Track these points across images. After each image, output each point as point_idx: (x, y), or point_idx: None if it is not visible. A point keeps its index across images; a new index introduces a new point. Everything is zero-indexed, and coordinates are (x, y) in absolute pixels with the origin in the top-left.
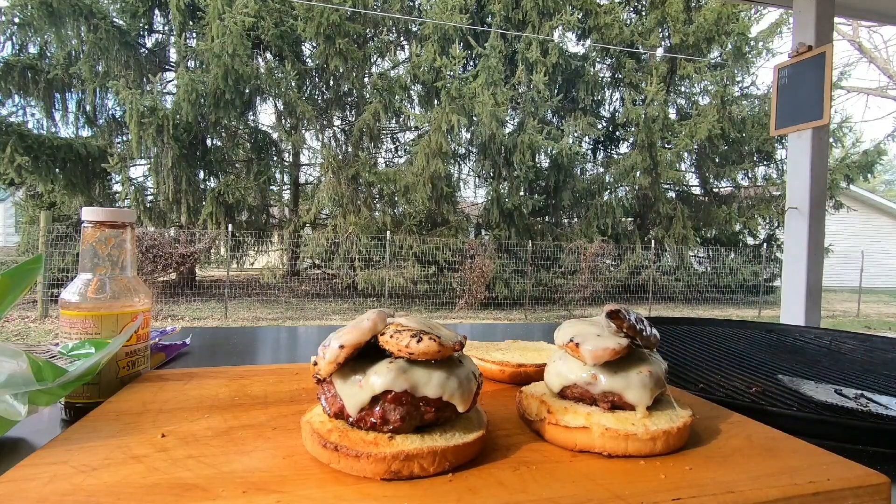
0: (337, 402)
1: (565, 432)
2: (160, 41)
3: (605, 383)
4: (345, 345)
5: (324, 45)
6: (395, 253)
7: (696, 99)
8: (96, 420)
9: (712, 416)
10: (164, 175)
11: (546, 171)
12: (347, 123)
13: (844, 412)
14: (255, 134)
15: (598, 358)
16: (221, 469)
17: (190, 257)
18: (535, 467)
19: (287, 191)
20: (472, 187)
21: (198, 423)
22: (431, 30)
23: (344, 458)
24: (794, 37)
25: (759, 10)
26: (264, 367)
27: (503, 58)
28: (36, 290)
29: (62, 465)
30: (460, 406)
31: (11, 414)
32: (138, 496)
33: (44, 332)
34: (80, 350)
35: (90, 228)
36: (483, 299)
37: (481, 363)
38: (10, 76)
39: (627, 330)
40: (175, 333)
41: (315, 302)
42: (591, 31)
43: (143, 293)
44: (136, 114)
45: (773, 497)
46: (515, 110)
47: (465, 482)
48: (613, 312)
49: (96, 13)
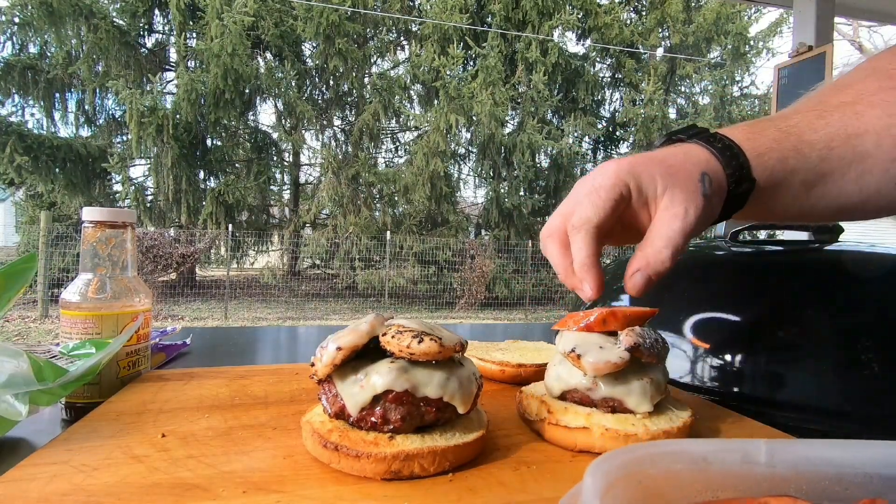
0: (338, 402)
1: (565, 432)
2: (160, 41)
3: (605, 390)
4: (342, 347)
5: (323, 45)
6: (395, 253)
7: (696, 99)
8: (97, 420)
9: (712, 416)
10: (164, 175)
11: (546, 170)
12: (347, 123)
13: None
14: (255, 134)
15: (599, 371)
16: (222, 469)
17: (190, 257)
18: (535, 467)
19: (287, 191)
20: (471, 187)
21: (198, 423)
22: (431, 30)
23: (344, 458)
24: (794, 37)
25: (758, 10)
26: (264, 367)
27: (503, 57)
28: (36, 290)
29: (62, 465)
30: (461, 407)
31: (12, 414)
32: (138, 496)
33: (44, 332)
34: (81, 350)
35: (90, 228)
36: (483, 299)
37: (481, 363)
38: (10, 76)
39: (647, 359)
40: (175, 333)
41: (315, 302)
42: (590, 31)
43: (143, 293)
44: (136, 114)
45: None
46: (515, 110)
47: (465, 482)
48: (634, 347)
49: (96, 13)
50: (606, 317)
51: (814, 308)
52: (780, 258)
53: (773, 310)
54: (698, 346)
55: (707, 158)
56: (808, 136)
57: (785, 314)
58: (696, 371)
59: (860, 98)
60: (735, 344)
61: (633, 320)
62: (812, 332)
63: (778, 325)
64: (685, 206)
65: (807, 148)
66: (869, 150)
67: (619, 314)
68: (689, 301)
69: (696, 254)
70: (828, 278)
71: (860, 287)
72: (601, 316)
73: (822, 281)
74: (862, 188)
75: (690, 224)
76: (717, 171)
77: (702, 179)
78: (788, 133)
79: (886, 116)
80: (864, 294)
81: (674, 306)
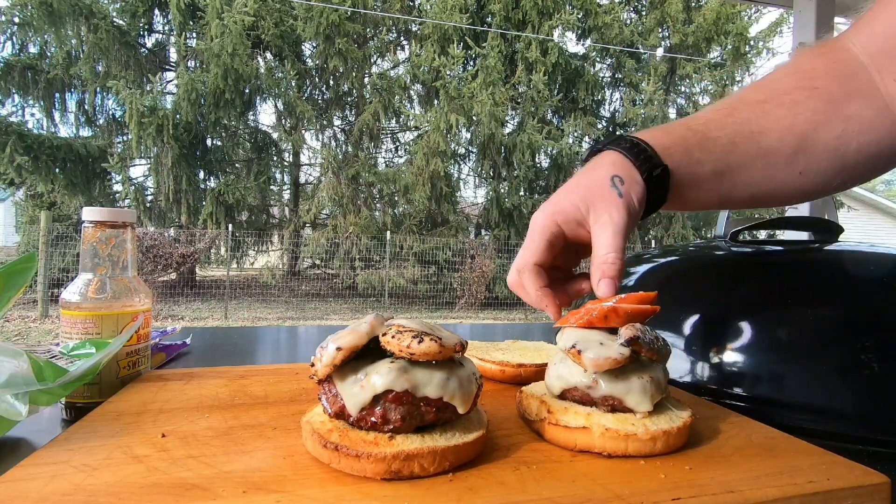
0: (338, 402)
1: (565, 432)
2: (160, 41)
3: (605, 388)
4: (342, 347)
5: (324, 45)
6: (395, 253)
7: (696, 99)
8: (96, 420)
9: (712, 416)
10: (164, 175)
11: (546, 170)
12: (347, 123)
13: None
14: (255, 134)
15: (600, 367)
16: (222, 469)
17: (190, 257)
18: (535, 467)
19: (287, 191)
20: (471, 187)
21: (198, 423)
22: (431, 30)
23: (344, 458)
24: (794, 37)
25: (758, 10)
26: (264, 367)
27: (503, 57)
28: (36, 290)
29: (62, 465)
30: (461, 407)
31: (12, 414)
32: (138, 496)
33: (44, 332)
34: (81, 350)
35: (91, 228)
36: (483, 299)
37: (481, 363)
38: (10, 76)
39: (647, 354)
40: (175, 333)
41: (315, 302)
42: (590, 31)
43: (143, 293)
44: (136, 114)
45: (773, 497)
46: (515, 110)
47: (465, 482)
48: (633, 340)
49: (96, 13)
50: (608, 313)
51: (814, 308)
52: (780, 258)
53: (773, 310)
54: (697, 346)
55: (614, 160)
56: (714, 133)
57: (785, 314)
58: (696, 371)
59: (771, 97)
60: (735, 344)
61: (635, 318)
62: (812, 332)
63: (778, 325)
64: (608, 213)
65: (710, 143)
66: (773, 145)
67: (621, 311)
68: (689, 301)
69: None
70: (828, 278)
71: (860, 287)
72: (602, 312)
73: (822, 281)
74: (769, 178)
75: (619, 224)
76: (626, 167)
77: (612, 183)
78: (696, 131)
79: (791, 115)
80: (863, 294)
81: (674, 306)
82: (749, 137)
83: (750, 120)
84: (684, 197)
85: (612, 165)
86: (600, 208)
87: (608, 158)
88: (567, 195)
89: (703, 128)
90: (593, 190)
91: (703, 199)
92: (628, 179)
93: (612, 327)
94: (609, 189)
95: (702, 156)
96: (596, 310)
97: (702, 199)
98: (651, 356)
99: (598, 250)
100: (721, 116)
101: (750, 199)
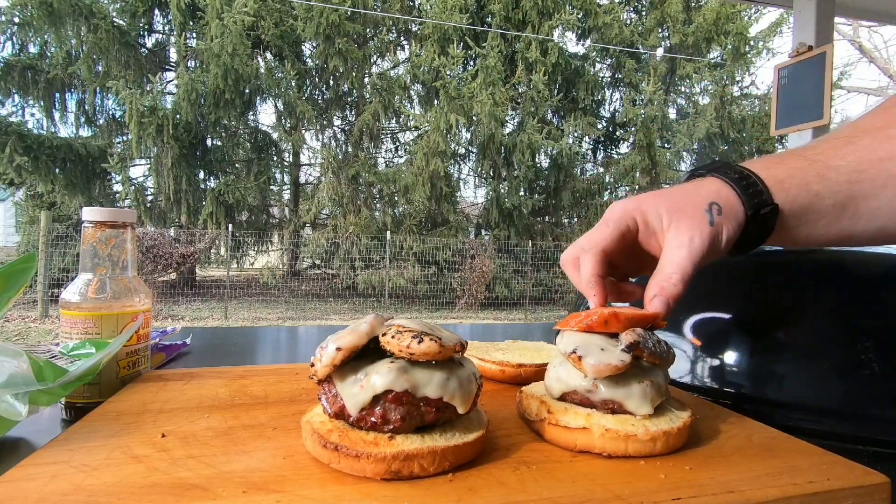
0: (338, 402)
1: (565, 433)
2: (160, 41)
3: (605, 393)
4: (342, 347)
5: (323, 45)
6: (395, 253)
7: (696, 99)
8: (96, 420)
9: (712, 416)
10: (164, 175)
11: (546, 170)
12: (347, 123)
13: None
14: (255, 134)
15: (601, 373)
16: (221, 469)
17: (190, 257)
18: (535, 467)
19: (287, 191)
20: (471, 187)
21: (198, 423)
22: (431, 30)
23: (344, 458)
24: (794, 37)
25: (758, 10)
26: (264, 367)
27: (503, 58)
28: (36, 290)
29: (62, 465)
30: (461, 407)
31: (12, 414)
32: (138, 496)
33: (44, 332)
34: (81, 350)
35: (90, 228)
36: (483, 299)
37: (481, 363)
38: (10, 76)
39: (649, 359)
40: (175, 333)
41: (315, 302)
42: (590, 31)
43: (143, 293)
44: (136, 114)
45: (773, 497)
46: (515, 110)
47: (465, 482)
48: (634, 345)
49: (96, 13)
50: (608, 318)
51: (814, 308)
52: (781, 258)
53: (773, 310)
54: (696, 345)
55: (718, 189)
56: (835, 161)
57: (785, 314)
58: (696, 371)
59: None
60: (735, 344)
61: (636, 323)
62: (812, 332)
63: (778, 325)
64: (690, 234)
65: (832, 173)
66: None
67: (622, 316)
68: (688, 301)
69: None
70: (828, 278)
71: (860, 287)
72: (603, 317)
73: (822, 281)
74: None
75: (696, 251)
76: (730, 198)
77: (708, 209)
78: (813, 161)
79: None
80: (863, 294)
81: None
82: (877, 164)
83: (874, 146)
84: (795, 234)
85: (716, 193)
86: (683, 227)
87: (712, 185)
88: (654, 200)
89: (821, 157)
90: (684, 207)
91: (817, 235)
92: (727, 213)
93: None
94: (702, 213)
95: (821, 188)
96: (596, 314)
97: (816, 236)
98: (654, 361)
99: (665, 267)
100: (840, 145)
101: (876, 233)
